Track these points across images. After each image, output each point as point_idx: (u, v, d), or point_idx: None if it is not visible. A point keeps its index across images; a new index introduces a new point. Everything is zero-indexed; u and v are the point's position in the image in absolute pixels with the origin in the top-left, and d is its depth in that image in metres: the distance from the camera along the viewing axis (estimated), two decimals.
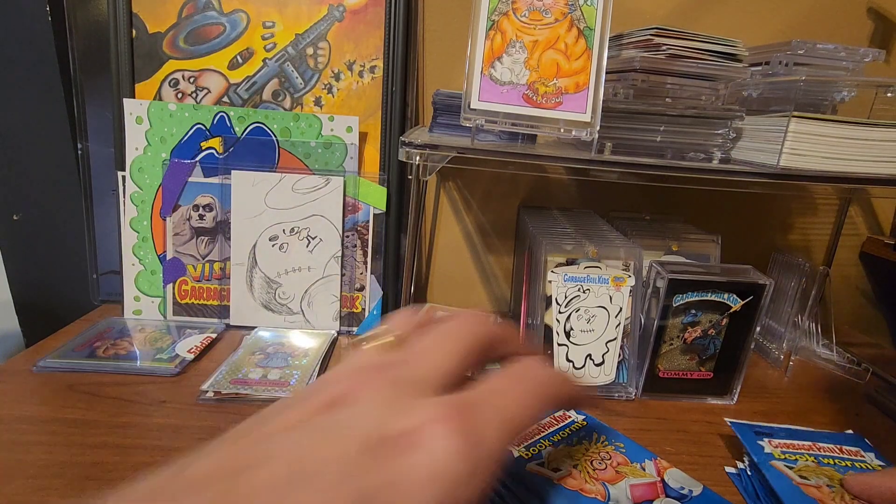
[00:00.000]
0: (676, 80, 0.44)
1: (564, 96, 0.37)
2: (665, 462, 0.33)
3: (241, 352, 0.49)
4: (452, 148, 0.41)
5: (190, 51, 0.55)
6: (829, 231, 0.68)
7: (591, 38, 0.37)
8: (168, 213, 0.54)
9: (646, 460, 0.32)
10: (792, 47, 0.47)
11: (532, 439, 0.33)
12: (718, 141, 0.44)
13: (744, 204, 0.66)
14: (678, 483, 0.31)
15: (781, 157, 0.42)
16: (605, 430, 0.36)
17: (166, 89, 0.55)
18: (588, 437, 0.35)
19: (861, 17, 0.61)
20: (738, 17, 0.60)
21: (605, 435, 0.35)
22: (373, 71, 0.56)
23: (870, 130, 0.42)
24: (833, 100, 0.47)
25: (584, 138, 0.38)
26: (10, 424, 0.37)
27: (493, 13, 0.36)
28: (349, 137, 0.55)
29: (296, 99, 0.56)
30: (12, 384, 0.42)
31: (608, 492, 0.29)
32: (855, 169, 0.43)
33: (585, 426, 0.36)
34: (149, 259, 0.55)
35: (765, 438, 0.36)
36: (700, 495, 0.30)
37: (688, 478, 0.31)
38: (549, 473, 0.30)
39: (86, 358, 0.46)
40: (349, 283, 0.57)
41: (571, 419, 0.36)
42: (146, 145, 0.54)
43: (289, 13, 0.55)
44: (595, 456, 0.32)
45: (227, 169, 0.54)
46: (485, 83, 0.36)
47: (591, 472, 0.31)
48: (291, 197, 0.54)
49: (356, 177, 0.55)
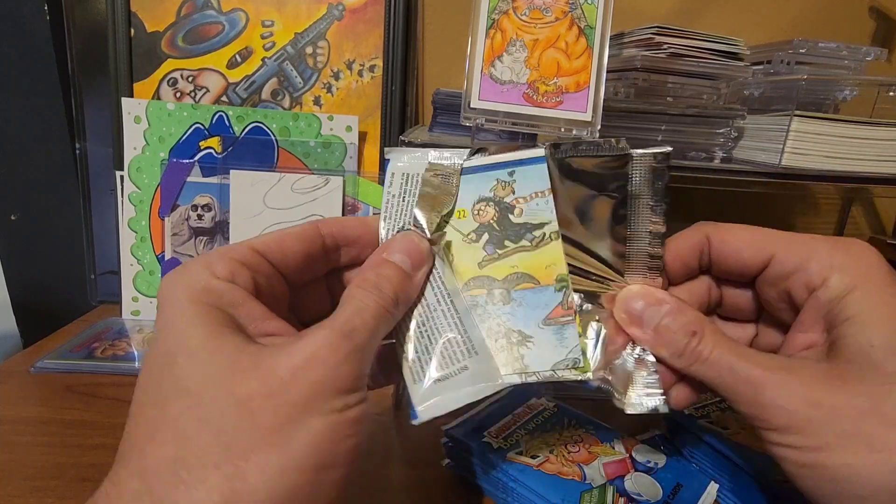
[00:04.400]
0: (678, 79, 0.44)
1: (565, 95, 0.36)
2: (631, 440, 0.35)
3: None
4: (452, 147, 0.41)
5: (188, 50, 0.55)
6: (832, 231, 0.68)
7: (592, 36, 0.36)
8: (166, 213, 0.54)
9: (614, 439, 0.35)
10: (794, 46, 0.46)
11: (509, 430, 0.35)
12: (720, 140, 0.44)
13: (746, 203, 0.66)
14: (644, 457, 0.33)
15: (783, 157, 0.42)
16: (574, 415, 0.38)
17: (165, 88, 0.55)
18: (560, 423, 0.36)
19: (863, 16, 0.61)
20: (739, 16, 0.60)
21: (574, 419, 0.37)
22: (372, 70, 0.56)
23: (872, 129, 0.42)
24: (835, 99, 0.47)
25: (584, 138, 0.38)
26: (8, 425, 0.37)
27: (494, 12, 0.36)
28: (349, 137, 0.55)
29: (295, 98, 0.56)
30: (10, 385, 0.42)
31: (584, 472, 0.31)
32: (857, 168, 0.42)
33: (557, 412, 0.38)
34: (147, 259, 0.55)
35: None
36: (665, 466, 0.33)
37: (653, 451, 0.34)
38: (528, 461, 0.32)
39: (84, 359, 0.46)
40: None
41: (543, 407, 0.38)
42: (144, 145, 0.53)
43: (288, 12, 0.55)
44: (568, 440, 0.34)
45: (225, 169, 0.54)
46: (485, 82, 0.36)
47: (566, 455, 0.33)
48: (290, 197, 0.54)
49: (356, 176, 0.55)
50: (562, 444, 0.34)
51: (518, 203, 0.27)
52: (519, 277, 0.27)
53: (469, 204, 0.28)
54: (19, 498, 0.30)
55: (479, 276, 0.27)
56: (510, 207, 0.27)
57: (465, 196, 0.28)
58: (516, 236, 0.27)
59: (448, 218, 0.27)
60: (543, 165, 0.27)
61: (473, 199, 0.28)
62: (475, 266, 0.27)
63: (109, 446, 0.36)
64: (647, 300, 0.26)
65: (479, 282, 0.27)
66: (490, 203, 0.28)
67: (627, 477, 0.32)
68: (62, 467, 0.33)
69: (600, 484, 0.31)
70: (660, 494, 0.31)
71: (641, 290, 0.26)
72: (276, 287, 0.24)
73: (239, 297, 0.21)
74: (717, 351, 0.23)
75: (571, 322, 0.26)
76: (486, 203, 0.28)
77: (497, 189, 0.28)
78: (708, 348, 0.24)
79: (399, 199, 0.27)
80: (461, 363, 0.25)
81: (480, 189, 0.28)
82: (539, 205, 0.27)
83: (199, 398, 0.18)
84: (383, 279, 0.23)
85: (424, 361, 0.25)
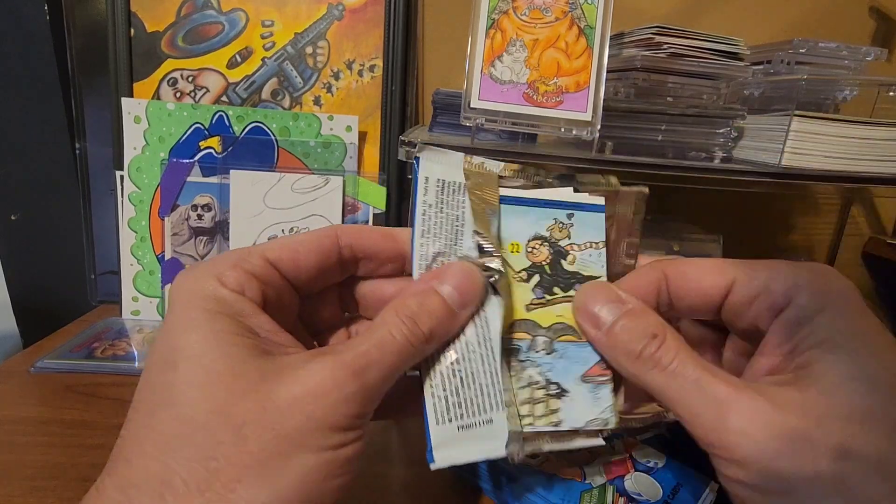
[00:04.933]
0: (678, 79, 0.44)
1: (565, 95, 0.36)
2: (631, 440, 0.35)
3: None
4: (452, 147, 0.41)
5: (188, 50, 0.55)
6: (832, 231, 0.68)
7: (592, 36, 0.36)
8: (166, 213, 0.54)
9: (614, 439, 0.34)
10: (794, 46, 0.46)
11: None
12: (720, 140, 0.44)
13: (745, 204, 0.65)
14: (645, 457, 0.33)
15: (783, 157, 0.42)
16: None
17: (165, 88, 0.55)
18: None
19: (863, 16, 0.61)
20: (739, 16, 0.60)
21: None
22: (372, 70, 0.56)
23: (872, 129, 0.42)
24: (835, 99, 0.47)
25: (584, 137, 0.38)
26: (8, 425, 0.37)
27: (494, 11, 0.36)
28: (349, 137, 0.55)
29: (295, 98, 0.56)
30: (10, 385, 0.42)
31: (584, 472, 0.31)
32: (857, 168, 0.42)
33: None
34: (147, 259, 0.55)
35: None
36: (665, 466, 0.33)
37: (654, 451, 0.34)
38: (528, 461, 0.32)
39: (84, 359, 0.46)
40: None
41: None
42: (144, 145, 0.53)
43: (288, 12, 0.55)
44: None
45: (225, 169, 0.54)
46: (485, 82, 0.36)
47: (566, 455, 0.32)
48: (290, 197, 0.54)
49: (356, 176, 0.55)
50: None
51: (572, 250, 0.26)
52: (563, 328, 0.25)
53: (524, 238, 0.26)
54: (19, 498, 0.30)
55: (526, 320, 0.25)
56: (564, 253, 0.26)
57: (520, 228, 0.26)
58: (566, 285, 0.26)
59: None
60: (602, 215, 0.26)
61: (529, 234, 0.26)
62: (522, 308, 0.25)
63: (109, 446, 0.35)
64: (606, 296, 0.24)
65: (524, 325, 0.25)
66: (545, 243, 0.26)
67: (627, 477, 0.32)
68: (62, 467, 0.33)
69: (600, 484, 0.31)
70: (660, 494, 0.30)
71: (601, 287, 0.25)
72: (285, 298, 0.23)
73: (247, 310, 0.20)
74: (679, 360, 0.21)
75: (607, 382, 0.25)
76: (541, 242, 0.26)
77: (554, 230, 0.26)
78: (669, 355, 0.21)
79: (437, 211, 0.25)
80: (487, 415, 0.23)
81: (537, 225, 0.26)
82: (592, 256, 0.26)
83: (192, 411, 0.18)
84: (424, 312, 0.21)
85: (453, 404, 0.23)
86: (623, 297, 0.23)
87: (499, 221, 0.25)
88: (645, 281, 0.25)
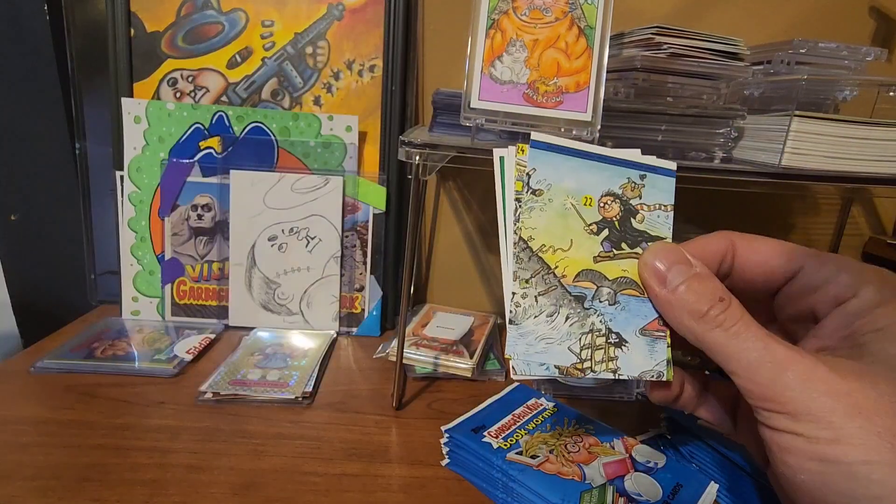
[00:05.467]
0: (677, 79, 0.44)
1: (565, 95, 0.36)
2: (631, 440, 0.35)
3: (239, 352, 0.49)
4: (452, 147, 0.41)
5: (188, 50, 0.55)
6: (832, 231, 0.68)
7: (592, 36, 0.36)
8: (166, 213, 0.54)
9: (614, 439, 0.35)
10: (793, 46, 0.46)
11: (509, 430, 0.35)
12: (720, 140, 0.44)
13: (745, 203, 0.65)
14: (644, 457, 0.34)
15: (783, 157, 0.41)
16: (574, 415, 0.38)
17: (164, 88, 0.55)
18: (559, 422, 0.37)
19: (863, 16, 0.61)
20: (739, 16, 0.59)
21: (574, 419, 0.37)
22: (372, 70, 0.56)
23: (872, 130, 0.42)
24: (835, 99, 0.47)
25: (584, 138, 0.38)
26: (8, 425, 0.37)
27: (494, 12, 0.36)
28: (348, 137, 0.55)
29: (295, 98, 0.56)
30: (10, 385, 0.42)
31: (584, 472, 0.32)
32: (857, 168, 0.42)
33: (556, 412, 0.38)
34: (147, 259, 0.55)
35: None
36: (665, 466, 0.33)
37: (653, 451, 0.34)
38: (527, 461, 0.32)
39: (84, 359, 0.46)
40: (348, 283, 0.56)
41: (543, 406, 0.38)
42: (144, 145, 0.53)
43: (288, 12, 0.55)
44: (568, 440, 0.35)
45: (225, 169, 0.54)
46: (485, 82, 0.36)
47: (566, 455, 0.33)
48: (290, 197, 0.54)
49: (355, 176, 0.55)
50: (561, 444, 0.34)
51: (642, 209, 0.28)
52: (627, 283, 0.27)
53: (597, 193, 0.28)
54: (20, 498, 0.30)
55: (592, 270, 0.27)
56: (634, 211, 0.28)
57: (595, 183, 0.27)
58: (633, 242, 0.27)
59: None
60: (672, 180, 0.28)
61: (603, 189, 0.28)
62: (590, 258, 0.27)
63: (109, 446, 0.36)
64: (675, 257, 0.25)
65: (589, 275, 0.27)
66: (617, 200, 0.28)
67: (627, 477, 0.32)
68: (62, 467, 0.33)
69: (600, 484, 0.31)
70: (660, 494, 0.31)
71: (670, 248, 0.26)
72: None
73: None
74: (742, 323, 0.23)
75: (664, 338, 0.26)
76: (613, 198, 0.28)
77: (626, 188, 0.28)
78: (734, 318, 0.23)
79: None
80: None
81: (611, 182, 0.28)
82: (660, 217, 0.28)
83: None
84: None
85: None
86: (691, 261, 0.25)
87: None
88: (713, 248, 0.26)
